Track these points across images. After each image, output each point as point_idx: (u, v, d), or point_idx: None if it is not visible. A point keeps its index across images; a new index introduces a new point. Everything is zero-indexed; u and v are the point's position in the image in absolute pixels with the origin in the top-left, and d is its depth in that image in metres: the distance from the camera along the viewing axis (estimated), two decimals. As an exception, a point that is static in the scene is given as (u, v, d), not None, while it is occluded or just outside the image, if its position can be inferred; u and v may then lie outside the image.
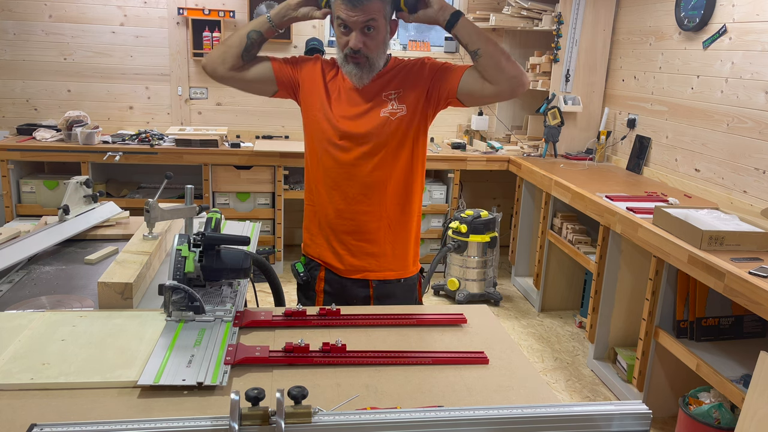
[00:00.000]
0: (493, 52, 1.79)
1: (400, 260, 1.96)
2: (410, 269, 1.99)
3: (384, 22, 1.81)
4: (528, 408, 1.16)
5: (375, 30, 1.79)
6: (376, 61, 1.84)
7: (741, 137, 3.21)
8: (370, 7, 1.75)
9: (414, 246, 2.01)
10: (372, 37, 1.80)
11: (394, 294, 1.95)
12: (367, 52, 1.81)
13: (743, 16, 3.21)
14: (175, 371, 1.34)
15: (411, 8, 1.83)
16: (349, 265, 1.95)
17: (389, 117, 1.86)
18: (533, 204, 4.47)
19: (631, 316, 3.37)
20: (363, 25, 1.77)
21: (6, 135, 4.54)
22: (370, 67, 1.84)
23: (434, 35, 5.24)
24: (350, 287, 1.96)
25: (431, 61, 1.91)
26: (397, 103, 1.86)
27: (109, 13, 4.65)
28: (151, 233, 2.10)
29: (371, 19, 1.77)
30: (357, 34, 1.78)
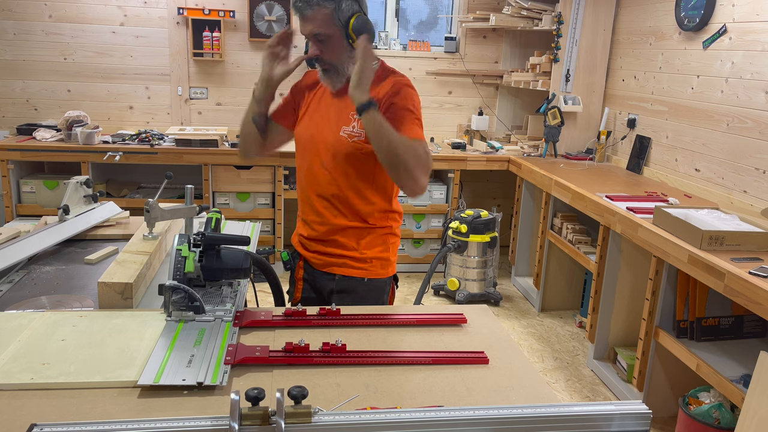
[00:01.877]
0: (392, 161, 1.74)
1: (363, 261, 1.96)
2: (377, 272, 1.98)
3: (338, 32, 1.79)
4: (528, 408, 1.16)
5: (328, 39, 1.79)
6: (341, 67, 1.84)
7: (741, 137, 3.21)
8: (315, 19, 1.77)
9: (382, 251, 1.98)
10: (327, 46, 1.80)
11: (356, 290, 1.96)
12: (327, 59, 1.83)
13: (743, 16, 3.21)
14: (175, 371, 1.34)
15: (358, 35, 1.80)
16: (314, 257, 2.00)
17: (347, 138, 1.85)
18: (533, 204, 4.47)
19: (631, 316, 3.37)
20: (313, 35, 1.80)
21: (6, 135, 4.54)
22: (337, 72, 1.85)
23: (434, 35, 5.25)
24: (319, 277, 2.01)
25: (396, 103, 1.82)
26: (358, 127, 1.84)
27: (109, 13, 4.65)
28: (151, 233, 2.10)
29: (316, 33, 1.78)
30: (312, 44, 1.82)
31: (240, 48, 4.81)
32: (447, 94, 5.16)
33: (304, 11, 1.77)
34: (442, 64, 5.09)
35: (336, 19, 1.77)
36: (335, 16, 1.77)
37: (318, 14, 1.76)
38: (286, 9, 4.71)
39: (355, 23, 1.77)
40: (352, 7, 1.79)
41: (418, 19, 5.22)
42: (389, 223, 1.99)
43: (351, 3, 1.79)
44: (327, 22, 1.77)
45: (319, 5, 1.76)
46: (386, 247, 2.00)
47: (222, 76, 4.86)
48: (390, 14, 5.11)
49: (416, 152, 1.74)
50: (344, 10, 1.78)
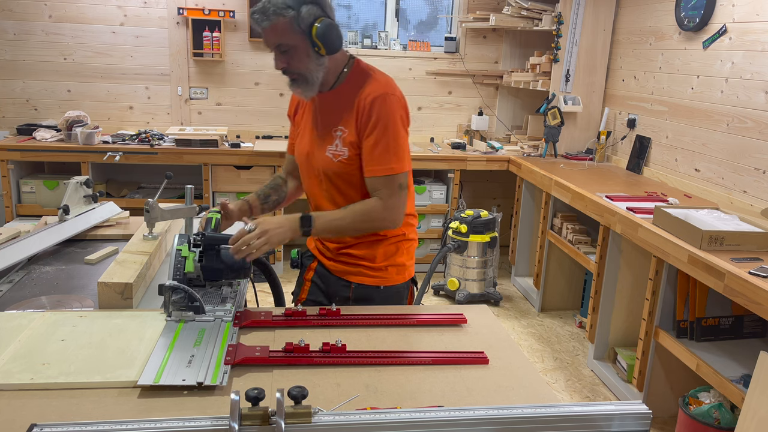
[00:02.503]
0: (362, 232, 1.82)
1: (379, 270, 1.93)
2: (393, 278, 1.95)
3: (302, 40, 1.70)
4: (528, 408, 1.16)
5: (292, 49, 1.71)
6: (309, 76, 1.75)
7: (741, 137, 3.21)
8: (275, 30, 1.68)
9: (396, 257, 1.95)
10: (292, 56, 1.72)
11: (373, 299, 1.92)
12: (294, 70, 1.75)
13: (743, 16, 3.21)
14: (175, 371, 1.34)
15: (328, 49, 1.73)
16: (332, 265, 1.97)
17: (332, 158, 1.81)
18: (533, 204, 4.47)
19: (631, 316, 3.37)
20: (276, 46, 1.72)
21: (6, 135, 4.54)
22: (307, 81, 1.76)
23: (434, 35, 5.25)
24: (334, 284, 1.96)
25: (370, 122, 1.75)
26: (341, 145, 1.80)
27: (109, 13, 4.65)
28: (151, 233, 2.10)
29: (279, 44, 1.71)
30: (276, 56, 1.75)
31: (240, 48, 4.81)
32: (447, 94, 5.16)
33: (263, 23, 1.68)
34: (442, 64, 5.09)
35: (297, 27, 1.68)
36: (296, 24, 1.67)
37: (277, 24, 1.67)
38: (286, 9, 4.71)
39: (318, 29, 1.68)
40: (313, 12, 1.68)
41: (418, 19, 5.22)
42: (402, 230, 1.93)
43: (312, 8, 1.68)
44: (288, 31, 1.68)
45: (277, 15, 1.66)
46: (401, 253, 1.95)
47: (222, 76, 4.86)
48: (390, 14, 5.11)
49: (372, 216, 1.76)
50: (305, 16, 1.67)
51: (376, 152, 1.74)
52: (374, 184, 1.77)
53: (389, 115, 1.75)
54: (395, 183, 1.77)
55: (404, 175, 1.79)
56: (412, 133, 5.14)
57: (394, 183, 1.77)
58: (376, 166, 1.75)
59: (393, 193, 1.77)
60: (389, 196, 1.76)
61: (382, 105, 1.74)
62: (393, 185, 1.76)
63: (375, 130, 1.74)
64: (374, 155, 1.75)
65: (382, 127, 1.74)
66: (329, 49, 1.72)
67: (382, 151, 1.74)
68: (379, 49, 5.00)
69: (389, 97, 1.76)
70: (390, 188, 1.76)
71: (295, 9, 1.67)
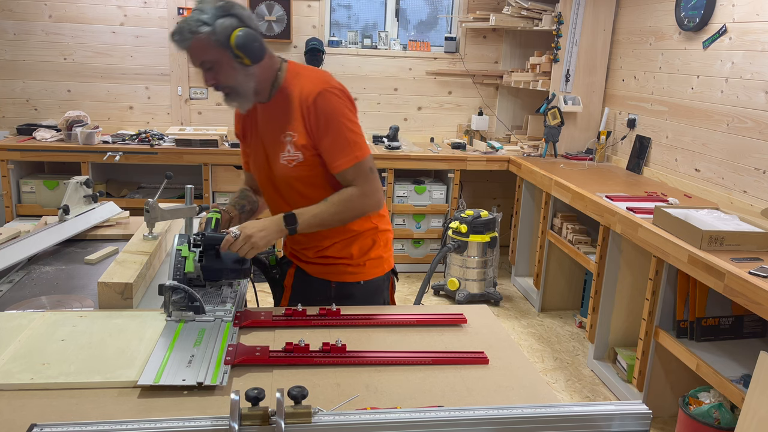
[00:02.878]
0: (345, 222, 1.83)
1: (357, 266, 1.93)
2: (371, 272, 1.95)
3: (223, 54, 1.68)
4: (528, 408, 1.16)
5: (216, 64, 1.70)
6: (240, 88, 1.75)
7: (741, 137, 3.21)
8: (195, 49, 1.68)
9: (373, 251, 1.95)
10: (217, 71, 1.71)
11: (353, 295, 1.93)
12: (224, 84, 1.74)
13: (743, 16, 3.21)
14: (175, 371, 1.34)
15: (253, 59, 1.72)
16: (310, 268, 1.97)
17: (287, 164, 1.81)
18: (533, 204, 4.47)
19: (631, 316, 3.37)
20: (200, 65, 1.72)
21: (6, 135, 4.54)
22: (239, 94, 1.76)
23: (434, 35, 5.25)
24: (314, 286, 1.96)
25: (318, 120, 1.75)
26: (293, 149, 1.80)
27: (109, 13, 4.65)
28: (151, 233, 2.10)
29: (202, 61, 1.70)
30: (204, 75, 1.74)
31: (240, 48, 4.81)
32: (447, 94, 5.16)
33: (182, 45, 1.68)
34: (442, 64, 5.09)
35: (215, 42, 1.67)
36: (213, 39, 1.66)
37: (196, 44, 1.67)
38: (286, 9, 4.71)
39: (236, 40, 1.66)
40: (229, 24, 1.67)
41: (418, 19, 5.22)
42: (373, 223, 1.94)
43: (228, 20, 1.67)
44: (207, 47, 1.67)
45: (192, 33, 1.65)
46: (377, 246, 1.96)
47: (222, 76, 4.85)
48: (390, 14, 5.11)
49: (353, 204, 1.78)
50: (221, 30, 1.66)
51: (337, 148, 1.76)
52: (345, 176, 1.79)
53: (335, 108, 1.76)
54: (365, 168, 1.79)
55: (369, 158, 1.81)
56: (413, 133, 5.15)
57: (364, 168, 1.79)
58: (341, 160, 1.77)
59: (366, 178, 1.79)
60: (364, 181, 1.79)
61: (325, 102, 1.75)
62: (363, 171, 1.79)
63: (328, 128, 1.75)
64: (336, 151, 1.76)
65: (335, 123, 1.75)
66: (252, 59, 1.72)
67: (342, 145, 1.76)
68: (379, 49, 5.00)
69: (328, 92, 1.76)
70: (362, 174, 1.79)
71: (210, 24, 1.66)
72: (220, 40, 1.67)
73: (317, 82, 1.77)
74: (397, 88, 5.05)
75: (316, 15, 4.87)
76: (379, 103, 5.08)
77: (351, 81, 5.01)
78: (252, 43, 1.69)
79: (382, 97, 5.07)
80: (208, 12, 1.67)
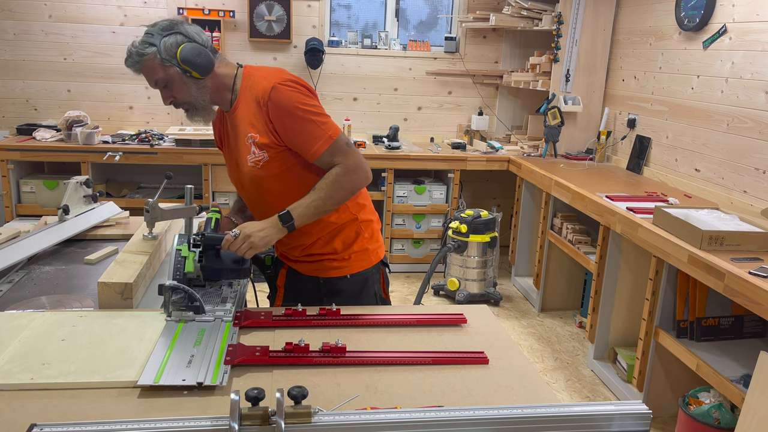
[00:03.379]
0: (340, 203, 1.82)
1: (342, 260, 1.94)
2: (357, 265, 1.95)
3: (174, 71, 1.73)
4: (528, 408, 1.16)
5: (169, 81, 1.75)
6: (197, 102, 1.79)
7: (741, 137, 3.21)
8: (147, 70, 1.74)
9: (357, 243, 1.95)
10: (172, 88, 1.76)
11: (342, 290, 1.94)
12: (181, 101, 1.79)
13: (743, 16, 3.21)
14: (175, 371, 1.34)
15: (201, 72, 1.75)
16: (299, 266, 1.98)
17: (255, 166, 1.81)
18: (533, 204, 4.47)
19: (631, 316, 3.37)
20: (155, 85, 1.77)
21: (6, 135, 4.54)
22: (196, 108, 1.81)
23: (434, 35, 5.24)
24: (305, 284, 1.97)
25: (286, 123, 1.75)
26: (257, 150, 1.80)
27: (109, 13, 4.65)
28: (151, 233, 2.10)
29: (155, 81, 1.75)
30: (161, 93, 1.79)
31: (240, 48, 4.81)
32: (447, 94, 5.16)
33: (134, 69, 1.75)
34: (442, 64, 5.09)
35: (163, 60, 1.72)
36: (160, 58, 1.72)
37: (146, 65, 1.73)
38: (286, 9, 4.71)
39: (182, 56, 1.71)
40: (174, 41, 1.72)
41: (418, 19, 5.22)
42: (352, 214, 1.94)
43: (171, 38, 1.73)
44: (156, 67, 1.73)
45: (140, 56, 1.72)
46: (362, 238, 1.96)
47: (222, 76, 4.85)
48: (390, 14, 5.11)
49: (342, 182, 1.76)
50: (166, 48, 1.72)
51: (307, 135, 1.75)
52: (324, 159, 1.77)
53: (291, 99, 1.75)
54: (341, 144, 1.78)
55: (342, 135, 1.80)
56: (413, 133, 5.15)
57: (340, 145, 1.77)
58: (315, 146, 1.75)
59: (345, 153, 1.78)
60: (344, 157, 1.77)
61: (280, 95, 1.74)
62: (340, 147, 1.77)
63: (292, 119, 1.75)
64: (307, 139, 1.75)
65: (297, 112, 1.75)
66: (200, 71, 1.75)
67: (310, 130, 1.75)
68: (379, 49, 5.00)
69: (282, 85, 1.76)
70: (340, 152, 1.77)
71: (155, 44, 1.72)
72: (167, 58, 1.72)
73: (270, 79, 1.78)
74: (397, 88, 5.05)
75: (316, 15, 4.87)
76: (379, 103, 5.08)
77: (351, 81, 5.01)
78: (197, 57, 1.73)
79: (382, 97, 5.07)
80: (154, 33, 1.74)
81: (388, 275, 2.10)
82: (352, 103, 5.05)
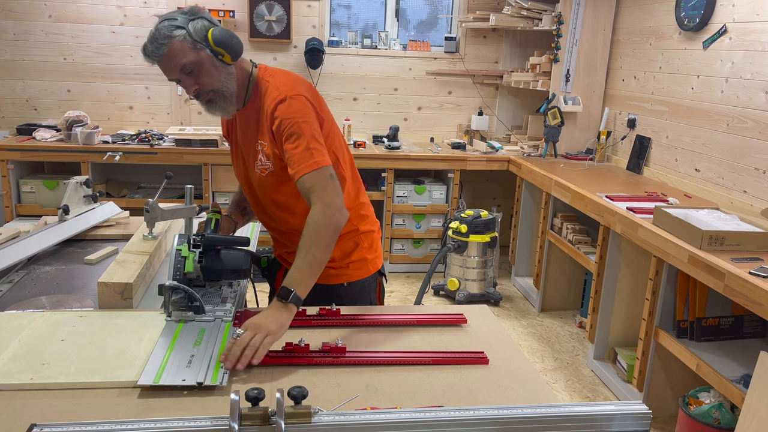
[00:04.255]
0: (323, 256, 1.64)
1: (340, 268, 1.91)
2: (355, 274, 1.92)
3: (204, 53, 1.65)
4: (528, 408, 1.16)
5: (198, 65, 1.65)
6: (225, 88, 1.70)
7: (741, 137, 3.21)
8: (174, 54, 1.63)
9: (356, 253, 1.92)
10: (199, 74, 1.67)
11: (339, 297, 1.89)
12: (208, 88, 1.69)
13: (743, 16, 3.21)
14: (175, 371, 1.34)
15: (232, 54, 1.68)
16: None
17: (261, 174, 1.79)
18: (533, 204, 4.47)
19: (631, 316, 3.37)
20: (181, 70, 1.66)
21: (6, 135, 4.54)
22: (223, 96, 1.71)
23: (434, 35, 5.24)
24: None
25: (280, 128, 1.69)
26: (264, 159, 1.76)
27: (109, 13, 4.65)
28: (151, 233, 2.10)
29: (182, 66, 1.64)
30: (183, 82, 1.68)
31: (240, 48, 4.81)
32: (447, 94, 5.16)
33: (159, 53, 1.62)
34: (442, 64, 5.09)
35: (193, 42, 1.64)
36: (191, 40, 1.63)
37: (173, 48, 1.62)
38: (286, 9, 4.71)
39: (214, 37, 1.64)
40: (203, 24, 1.66)
41: (418, 19, 5.22)
42: (353, 225, 1.90)
43: (200, 21, 1.66)
44: (186, 50, 1.63)
45: (169, 38, 1.62)
46: (360, 248, 1.93)
47: (222, 76, 4.85)
48: (390, 14, 5.11)
49: (322, 225, 1.61)
50: (197, 30, 1.64)
51: (296, 155, 1.67)
52: (304, 183, 1.66)
53: (295, 118, 1.68)
54: (325, 175, 1.67)
55: (329, 167, 1.70)
56: (413, 133, 5.15)
57: (324, 175, 1.67)
58: (300, 166, 1.66)
59: (325, 186, 1.65)
60: (323, 190, 1.65)
61: (286, 110, 1.69)
62: (323, 178, 1.67)
63: (290, 136, 1.68)
64: (295, 158, 1.67)
65: (296, 132, 1.68)
66: (233, 54, 1.69)
67: (301, 152, 1.67)
68: (379, 49, 5.00)
69: (290, 100, 1.70)
70: (321, 181, 1.66)
71: (184, 27, 1.63)
72: (198, 40, 1.64)
73: (281, 90, 1.72)
74: (397, 88, 5.05)
75: (316, 15, 4.87)
76: (379, 103, 5.08)
77: (351, 81, 5.01)
78: (231, 39, 1.67)
79: (382, 97, 5.07)
80: (178, 17, 1.65)
81: (385, 284, 2.07)
82: (352, 103, 5.05)
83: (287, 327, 1.50)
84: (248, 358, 1.39)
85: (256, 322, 1.46)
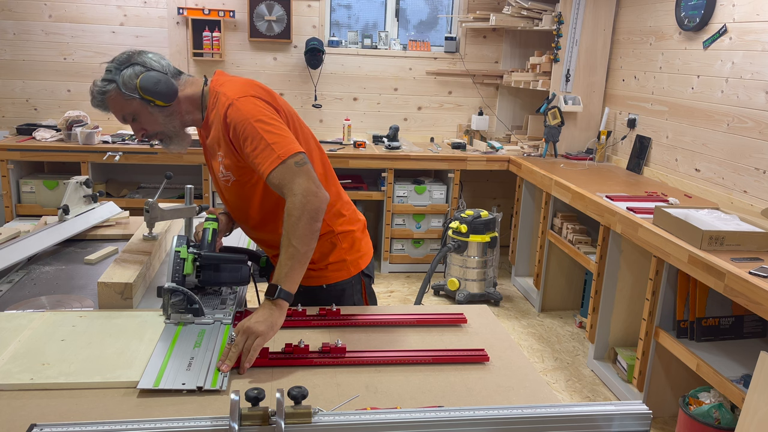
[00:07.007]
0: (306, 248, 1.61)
1: (319, 270, 1.89)
2: (334, 276, 1.90)
3: (138, 103, 1.70)
4: (528, 408, 1.16)
5: (136, 114, 1.73)
6: (168, 130, 1.77)
7: (741, 137, 3.21)
8: (112, 107, 1.73)
9: (333, 255, 1.89)
10: (140, 121, 1.75)
11: (319, 299, 1.88)
12: (152, 132, 1.77)
13: (743, 16, 3.21)
14: (174, 375, 1.34)
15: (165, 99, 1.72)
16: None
17: (226, 184, 1.81)
18: (533, 204, 4.47)
19: (631, 316, 3.37)
20: (123, 121, 1.76)
21: (6, 135, 4.54)
22: (169, 137, 1.79)
23: (434, 35, 5.24)
24: None
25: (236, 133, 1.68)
26: (224, 170, 1.77)
27: (109, 13, 4.65)
28: (151, 233, 2.10)
29: (122, 116, 1.74)
30: (132, 128, 1.77)
31: (240, 48, 4.81)
32: (447, 94, 5.15)
33: (101, 109, 1.75)
34: (442, 64, 5.09)
35: (125, 94, 1.70)
36: (122, 92, 1.69)
37: (111, 102, 1.72)
38: (286, 9, 4.71)
39: (142, 87, 1.68)
40: (131, 72, 1.70)
41: (418, 19, 5.22)
42: (328, 226, 1.86)
43: (129, 69, 1.70)
44: (120, 102, 1.72)
45: (102, 94, 1.71)
46: (339, 249, 1.90)
47: (222, 76, 4.85)
48: (390, 14, 5.11)
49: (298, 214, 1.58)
50: (125, 82, 1.69)
51: (258, 156, 1.65)
52: (272, 180, 1.63)
53: (246, 120, 1.66)
54: (290, 165, 1.62)
55: (293, 156, 1.65)
56: (413, 133, 5.15)
57: (289, 166, 1.62)
58: (264, 165, 1.64)
59: (293, 175, 1.62)
60: (291, 181, 1.61)
61: (236, 114, 1.67)
62: (289, 168, 1.62)
63: (246, 139, 1.66)
64: (258, 160, 1.65)
65: (250, 133, 1.66)
66: (163, 98, 1.71)
67: (261, 151, 1.65)
68: (379, 49, 5.00)
69: (237, 102, 1.69)
70: (288, 173, 1.62)
71: (115, 80, 1.70)
72: (128, 92, 1.69)
73: (228, 95, 1.71)
74: (397, 88, 5.05)
75: (316, 15, 4.87)
76: (379, 103, 5.07)
77: (351, 81, 5.01)
78: (156, 85, 1.69)
79: (382, 97, 5.07)
80: (112, 69, 1.72)
81: (372, 286, 2.02)
82: (352, 103, 5.05)
83: (279, 325, 1.50)
84: (250, 362, 1.42)
85: (246, 325, 1.46)
